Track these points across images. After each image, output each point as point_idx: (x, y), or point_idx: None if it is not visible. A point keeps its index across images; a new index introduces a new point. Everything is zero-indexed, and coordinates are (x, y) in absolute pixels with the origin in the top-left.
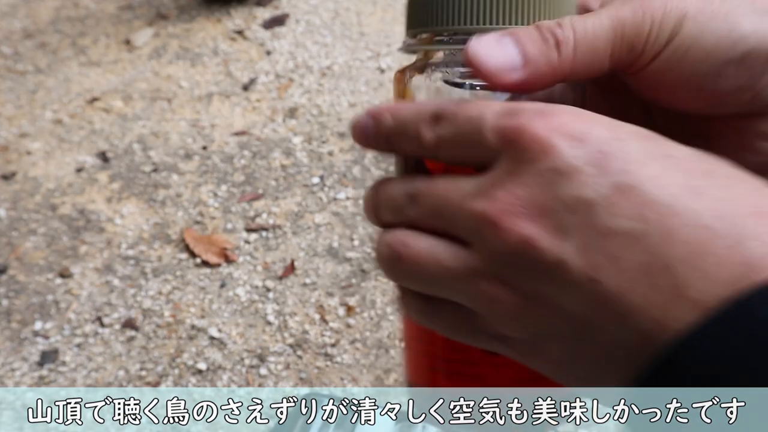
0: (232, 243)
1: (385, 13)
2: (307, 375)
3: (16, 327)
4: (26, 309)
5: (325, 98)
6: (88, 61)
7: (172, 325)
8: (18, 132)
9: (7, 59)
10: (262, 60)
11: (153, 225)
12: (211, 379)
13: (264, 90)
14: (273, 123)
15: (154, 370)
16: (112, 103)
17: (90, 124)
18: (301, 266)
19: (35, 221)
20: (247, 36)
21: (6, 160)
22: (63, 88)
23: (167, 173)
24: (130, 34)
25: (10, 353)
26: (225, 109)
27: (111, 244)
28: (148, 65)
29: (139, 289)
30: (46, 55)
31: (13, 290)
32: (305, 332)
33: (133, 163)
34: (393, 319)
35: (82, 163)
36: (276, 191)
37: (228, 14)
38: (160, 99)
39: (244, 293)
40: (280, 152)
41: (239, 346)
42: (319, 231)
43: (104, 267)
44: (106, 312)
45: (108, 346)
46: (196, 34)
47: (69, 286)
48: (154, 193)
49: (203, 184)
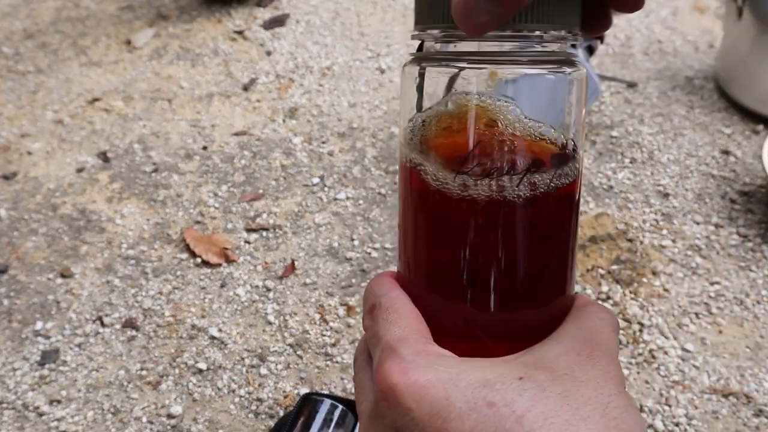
0: (233, 243)
1: (385, 14)
2: (307, 375)
3: (17, 327)
4: (27, 309)
5: (325, 98)
6: (88, 62)
7: (173, 325)
8: (19, 132)
9: (8, 59)
10: (262, 60)
11: (153, 225)
12: (212, 378)
13: (264, 90)
14: (273, 123)
15: (155, 370)
16: (113, 103)
17: (91, 125)
18: (301, 266)
19: (36, 221)
20: (248, 36)
21: (7, 160)
22: (64, 89)
23: (168, 173)
24: (131, 35)
25: (11, 353)
26: (225, 110)
27: (111, 244)
28: (148, 65)
29: (139, 288)
30: (47, 56)
31: (14, 290)
32: (305, 332)
33: (133, 164)
34: None
35: (82, 164)
36: (276, 191)
37: (228, 15)
38: (160, 99)
39: (245, 293)
40: (280, 152)
41: (239, 345)
42: (319, 231)
43: (105, 267)
44: (106, 312)
45: (108, 346)
46: (197, 35)
47: (70, 285)
48: (155, 193)
49: (204, 184)
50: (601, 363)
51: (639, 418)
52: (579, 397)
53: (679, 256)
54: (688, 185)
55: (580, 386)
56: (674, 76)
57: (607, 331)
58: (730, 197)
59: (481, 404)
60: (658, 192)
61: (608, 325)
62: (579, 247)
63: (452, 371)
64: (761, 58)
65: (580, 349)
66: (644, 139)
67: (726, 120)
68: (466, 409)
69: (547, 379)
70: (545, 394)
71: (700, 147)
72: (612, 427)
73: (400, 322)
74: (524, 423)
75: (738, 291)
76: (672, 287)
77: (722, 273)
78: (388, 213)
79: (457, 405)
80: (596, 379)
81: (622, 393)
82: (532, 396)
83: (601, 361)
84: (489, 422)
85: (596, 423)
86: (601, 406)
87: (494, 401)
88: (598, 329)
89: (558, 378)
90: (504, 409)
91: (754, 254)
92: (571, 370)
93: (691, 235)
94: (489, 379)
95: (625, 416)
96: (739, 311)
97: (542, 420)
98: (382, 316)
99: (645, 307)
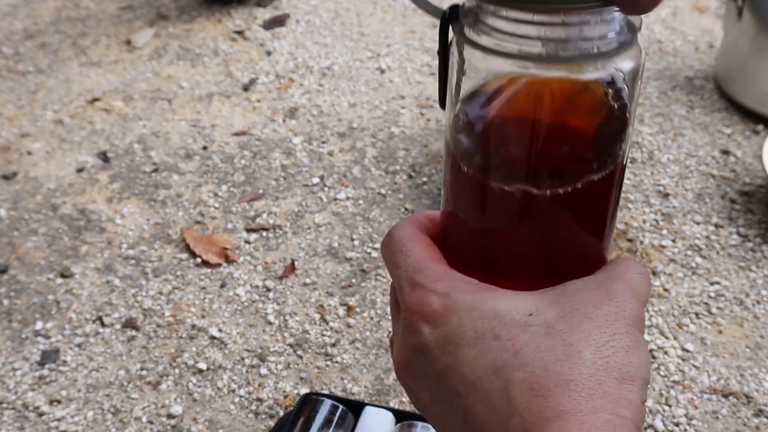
0: (233, 243)
1: (385, 14)
2: (307, 375)
3: (16, 327)
4: (27, 309)
5: (325, 98)
6: (88, 62)
7: (173, 325)
8: (19, 132)
9: (8, 59)
10: (262, 60)
11: (153, 225)
12: (212, 378)
13: (264, 90)
14: (273, 123)
15: (155, 370)
16: (113, 103)
17: (91, 125)
18: (301, 266)
19: (36, 221)
20: (248, 36)
21: (7, 160)
22: (64, 89)
23: (168, 173)
24: (131, 35)
25: (11, 353)
26: (225, 110)
27: (111, 244)
28: (148, 65)
29: (139, 288)
30: (46, 56)
31: (14, 290)
32: (305, 332)
33: (133, 163)
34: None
35: (82, 163)
36: (276, 191)
37: (228, 15)
38: (160, 99)
39: (245, 293)
40: (280, 152)
41: (239, 345)
42: (319, 231)
43: (105, 267)
44: (106, 312)
45: (108, 346)
46: (197, 35)
47: (70, 285)
48: (155, 193)
49: (203, 184)
50: (617, 299)
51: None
52: (579, 333)
53: (679, 256)
54: (688, 185)
55: (584, 322)
56: (674, 76)
57: (634, 274)
58: (730, 197)
59: (488, 335)
60: (658, 192)
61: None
62: None
63: (467, 299)
64: (761, 58)
65: (599, 284)
66: (644, 138)
67: (726, 120)
68: (474, 338)
69: (555, 315)
70: (547, 331)
71: (700, 147)
72: (600, 366)
73: (415, 251)
74: (519, 356)
75: (738, 291)
76: (672, 287)
77: (722, 273)
78: (388, 213)
79: (467, 333)
80: (606, 315)
81: (629, 332)
82: (535, 332)
83: (619, 297)
84: (491, 352)
85: (585, 359)
86: (598, 343)
87: (500, 334)
88: (625, 270)
89: (567, 314)
90: (506, 342)
91: (754, 254)
92: (582, 305)
93: (691, 235)
94: (500, 312)
95: (619, 355)
96: (739, 311)
97: (534, 354)
98: (398, 248)
99: (645, 307)
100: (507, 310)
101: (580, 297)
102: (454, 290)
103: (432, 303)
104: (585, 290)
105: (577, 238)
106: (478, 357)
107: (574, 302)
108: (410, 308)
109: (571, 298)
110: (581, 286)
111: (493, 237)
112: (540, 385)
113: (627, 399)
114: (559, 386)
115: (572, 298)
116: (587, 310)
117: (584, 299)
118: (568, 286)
